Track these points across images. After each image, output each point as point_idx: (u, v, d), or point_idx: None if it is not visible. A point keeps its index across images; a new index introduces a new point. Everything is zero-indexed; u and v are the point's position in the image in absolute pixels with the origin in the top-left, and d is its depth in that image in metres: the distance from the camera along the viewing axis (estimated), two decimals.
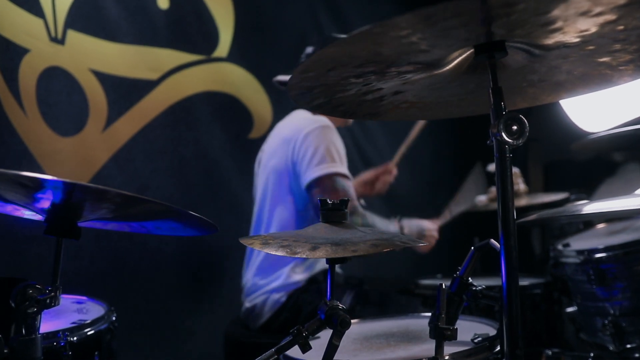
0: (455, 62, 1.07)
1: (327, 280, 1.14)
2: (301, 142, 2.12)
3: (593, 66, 1.10)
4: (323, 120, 2.18)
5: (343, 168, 2.11)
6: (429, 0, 0.83)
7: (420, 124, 2.75)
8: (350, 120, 2.50)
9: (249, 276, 2.26)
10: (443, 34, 0.92)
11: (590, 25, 0.92)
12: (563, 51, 1.03)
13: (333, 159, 2.08)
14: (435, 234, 2.42)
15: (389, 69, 1.05)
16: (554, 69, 1.12)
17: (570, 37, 0.96)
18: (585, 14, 0.88)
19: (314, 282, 2.13)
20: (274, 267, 2.16)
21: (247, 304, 2.22)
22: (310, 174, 2.07)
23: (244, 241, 1.28)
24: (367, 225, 2.05)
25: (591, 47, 1.01)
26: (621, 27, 0.93)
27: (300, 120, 2.23)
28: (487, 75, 1.05)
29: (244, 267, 2.34)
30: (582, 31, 0.94)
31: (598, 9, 0.86)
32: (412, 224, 2.36)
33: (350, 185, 2.12)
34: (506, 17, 0.88)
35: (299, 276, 2.14)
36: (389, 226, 2.19)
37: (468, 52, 1.05)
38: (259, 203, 2.33)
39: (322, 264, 2.21)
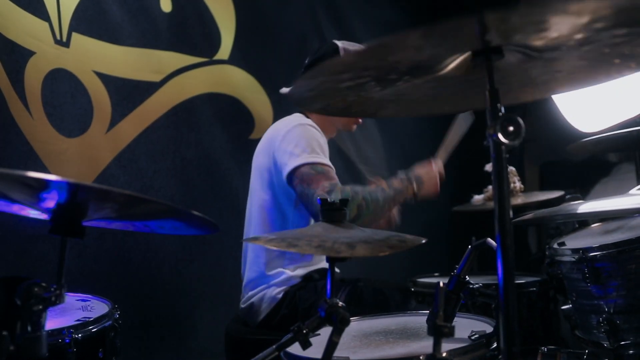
0: (453, 64, 1.09)
1: (324, 278, 1.15)
2: (282, 138, 2.14)
3: (589, 62, 1.10)
4: (307, 121, 2.19)
5: (324, 159, 2.09)
6: (425, 2, 0.86)
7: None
8: (354, 125, 2.44)
9: (246, 274, 2.29)
10: (444, 42, 0.95)
11: (582, 32, 0.94)
12: (558, 53, 1.04)
13: (313, 151, 2.08)
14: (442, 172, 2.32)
15: (389, 75, 1.07)
16: (550, 65, 1.13)
17: (564, 40, 0.98)
18: (576, 23, 0.90)
19: (310, 280, 2.16)
20: (270, 266, 2.19)
21: (245, 302, 2.25)
22: (289, 165, 2.07)
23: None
24: (350, 195, 1.98)
25: (585, 48, 1.02)
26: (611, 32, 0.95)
27: (284, 121, 2.25)
28: (481, 74, 1.05)
29: (242, 265, 2.37)
30: (574, 36, 0.96)
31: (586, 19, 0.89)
32: (412, 176, 2.19)
33: (331, 170, 2.08)
34: (503, 25, 0.90)
35: (295, 273, 2.17)
36: (376, 192, 2.08)
37: (465, 55, 1.07)
38: (248, 202, 2.36)
39: (317, 263, 2.23)
